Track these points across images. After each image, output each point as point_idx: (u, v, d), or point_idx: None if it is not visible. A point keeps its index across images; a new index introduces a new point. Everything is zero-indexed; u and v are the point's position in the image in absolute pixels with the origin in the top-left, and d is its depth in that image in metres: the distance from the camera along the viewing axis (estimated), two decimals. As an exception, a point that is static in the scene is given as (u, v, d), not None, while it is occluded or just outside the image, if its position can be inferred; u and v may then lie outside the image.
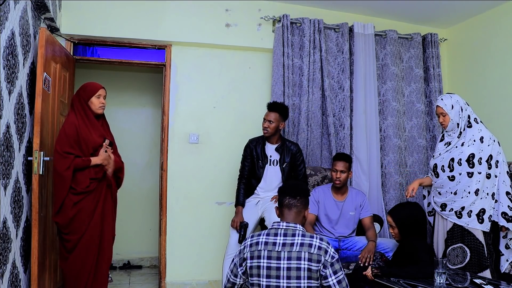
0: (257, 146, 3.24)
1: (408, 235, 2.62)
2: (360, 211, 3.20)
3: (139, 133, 4.78)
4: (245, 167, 3.27)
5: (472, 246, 2.67)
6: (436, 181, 2.88)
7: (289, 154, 3.22)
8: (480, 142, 2.72)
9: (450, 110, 2.77)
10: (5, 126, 2.30)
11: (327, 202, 3.19)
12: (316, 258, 1.79)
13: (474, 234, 2.69)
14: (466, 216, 2.70)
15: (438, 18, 4.22)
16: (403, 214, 2.67)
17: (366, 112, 3.92)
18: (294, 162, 3.24)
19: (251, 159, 3.24)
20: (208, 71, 3.84)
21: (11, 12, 2.36)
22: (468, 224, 2.69)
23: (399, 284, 2.25)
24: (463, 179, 2.71)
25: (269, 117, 3.16)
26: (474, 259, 2.65)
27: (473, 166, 2.69)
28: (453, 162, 2.76)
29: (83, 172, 2.54)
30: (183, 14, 3.70)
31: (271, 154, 3.23)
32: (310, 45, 3.82)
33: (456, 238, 2.75)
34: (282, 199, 2.00)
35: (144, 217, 4.66)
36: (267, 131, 3.17)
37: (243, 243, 1.97)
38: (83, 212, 2.52)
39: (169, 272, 3.64)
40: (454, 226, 2.76)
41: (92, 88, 2.67)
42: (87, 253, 2.53)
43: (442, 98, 2.83)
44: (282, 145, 3.24)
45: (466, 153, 2.71)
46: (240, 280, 1.94)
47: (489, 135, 2.76)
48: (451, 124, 2.79)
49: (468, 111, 2.80)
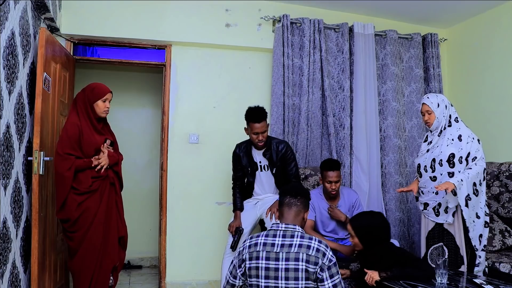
0: (244, 156, 3.06)
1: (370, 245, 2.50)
2: (353, 211, 3.15)
3: (139, 133, 4.79)
4: (237, 173, 3.17)
5: (450, 245, 2.72)
6: (420, 180, 2.91)
7: (278, 156, 3.02)
8: (458, 141, 2.73)
9: (436, 108, 2.78)
10: (5, 126, 2.30)
11: (321, 208, 3.11)
12: (313, 260, 1.79)
13: (452, 234, 2.73)
14: (443, 213, 2.75)
15: (438, 18, 4.22)
16: (363, 223, 2.53)
17: (366, 112, 3.92)
18: (285, 162, 3.04)
19: (240, 167, 3.13)
20: (208, 71, 3.84)
21: (11, 12, 2.36)
22: (446, 221, 2.74)
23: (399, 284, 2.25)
24: (444, 179, 2.72)
25: (261, 128, 2.90)
26: (451, 257, 2.69)
27: (454, 165, 2.70)
28: (434, 163, 2.77)
29: (85, 172, 2.54)
30: (183, 14, 3.70)
31: (260, 159, 3.08)
32: (310, 45, 3.82)
33: (437, 238, 2.80)
34: (282, 198, 2.01)
35: (144, 217, 4.66)
36: (263, 142, 2.96)
37: (242, 244, 1.96)
38: (87, 212, 2.53)
39: (169, 272, 3.64)
40: (435, 226, 2.81)
41: (100, 91, 2.64)
42: (91, 251, 2.53)
43: (428, 96, 2.85)
44: (269, 148, 3.03)
45: (446, 153, 2.72)
46: (239, 281, 1.94)
47: (468, 133, 2.77)
48: (436, 122, 2.80)
49: (450, 111, 2.81)
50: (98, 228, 2.56)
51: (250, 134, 2.95)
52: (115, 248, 2.68)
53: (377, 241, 2.47)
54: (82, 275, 2.53)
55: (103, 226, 2.59)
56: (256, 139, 2.94)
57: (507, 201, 3.36)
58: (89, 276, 2.53)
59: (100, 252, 2.57)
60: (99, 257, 2.56)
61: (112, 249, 2.65)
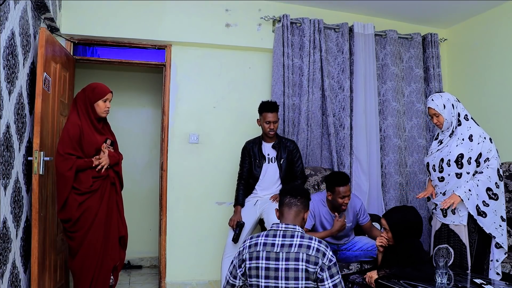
0: (254, 147, 3.26)
1: (402, 239, 2.54)
2: (358, 218, 3.14)
3: (139, 133, 4.79)
4: (244, 168, 3.28)
5: (456, 247, 2.66)
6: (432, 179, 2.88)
7: (285, 150, 3.23)
8: (469, 141, 2.66)
9: (443, 110, 2.71)
10: (5, 126, 2.30)
11: (324, 219, 3.05)
12: (313, 260, 1.79)
13: (458, 235, 2.67)
14: (450, 214, 2.70)
15: (438, 18, 4.22)
16: (397, 218, 2.57)
17: (366, 112, 3.92)
18: (292, 159, 3.25)
19: (249, 159, 3.25)
20: (208, 71, 3.84)
21: (11, 12, 2.36)
22: (453, 222, 2.68)
23: (399, 284, 2.25)
24: (452, 180, 2.69)
25: (273, 118, 3.17)
26: (457, 260, 2.63)
27: (462, 166, 2.65)
28: (442, 163, 2.73)
29: (85, 172, 2.54)
30: (183, 14, 3.70)
31: (268, 152, 3.25)
32: (310, 45, 3.82)
33: (442, 238, 2.75)
34: (283, 198, 2.01)
35: (144, 217, 4.66)
36: (273, 131, 3.20)
37: (242, 244, 1.97)
38: (88, 212, 2.53)
39: (169, 272, 3.64)
40: (441, 226, 2.77)
41: (100, 91, 2.65)
42: (92, 251, 2.54)
43: (433, 98, 2.76)
44: (279, 142, 3.26)
45: (454, 154, 2.67)
46: (239, 281, 1.93)
47: (480, 132, 2.69)
48: (446, 123, 2.73)
49: (458, 109, 2.74)
50: (99, 228, 2.56)
51: (263, 123, 3.21)
52: (115, 248, 2.68)
53: (409, 236, 2.48)
54: (83, 275, 2.53)
55: (104, 226, 2.59)
56: (268, 128, 3.18)
57: (507, 201, 3.36)
58: (89, 276, 2.53)
59: (100, 252, 2.57)
60: (99, 257, 2.57)
61: (112, 249, 2.65)
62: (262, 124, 3.22)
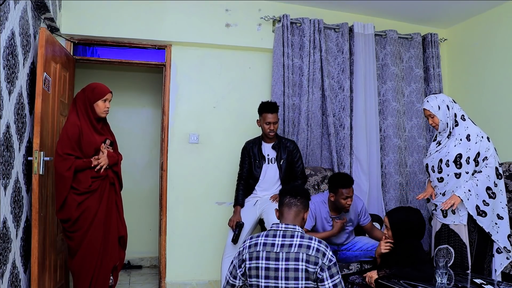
0: (254, 147, 3.26)
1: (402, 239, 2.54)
2: (359, 218, 3.14)
3: (139, 133, 4.79)
4: (243, 168, 3.27)
5: (457, 247, 2.67)
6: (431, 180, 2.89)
7: (285, 151, 3.23)
8: (467, 141, 2.68)
9: (437, 111, 2.74)
10: (5, 126, 2.30)
11: (325, 220, 3.03)
12: (313, 260, 1.80)
13: (458, 235, 2.68)
14: (450, 214, 2.71)
15: (438, 18, 4.22)
16: (399, 217, 2.57)
17: (366, 112, 3.92)
18: (292, 159, 3.24)
19: (248, 159, 3.25)
20: (208, 71, 3.84)
21: (11, 12, 2.36)
22: (454, 222, 2.69)
23: (399, 284, 2.25)
24: (451, 180, 2.70)
25: (273, 118, 3.16)
26: (457, 260, 2.65)
27: (461, 166, 2.67)
28: (441, 164, 2.74)
29: (84, 172, 2.54)
30: (183, 14, 3.70)
31: (268, 152, 3.25)
32: (310, 45, 3.82)
33: (443, 239, 2.76)
34: (282, 198, 2.01)
35: (144, 217, 4.66)
36: (273, 132, 3.19)
37: (242, 244, 1.97)
38: (87, 212, 2.53)
39: (169, 272, 3.64)
40: (442, 227, 2.78)
41: (100, 91, 2.65)
42: (91, 251, 2.54)
43: (428, 100, 2.79)
44: (279, 142, 3.25)
45: (453, 154, 2.69)
46: (239, 281, 1.94)
47: (477, 131, 2.71)
48: (442, 124, 2.76)
49: (454, 109, 2.76)
50: (98, 228, 2.56)
51: (263, 124, 3.20)
52: (115, 248, 2.68)
53: (410, 237, 2.48)
54: (82, 275, 2.53)
55: (103, 226, 2.60)
56: (268, 129, 3.17)
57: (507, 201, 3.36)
58: (89, 276, 2.53)
59: (100, 252, 2.57)
60: (99, 257, 2.57)
61: (112, 249, 2.65)
62: (262, 125, 3.21)
